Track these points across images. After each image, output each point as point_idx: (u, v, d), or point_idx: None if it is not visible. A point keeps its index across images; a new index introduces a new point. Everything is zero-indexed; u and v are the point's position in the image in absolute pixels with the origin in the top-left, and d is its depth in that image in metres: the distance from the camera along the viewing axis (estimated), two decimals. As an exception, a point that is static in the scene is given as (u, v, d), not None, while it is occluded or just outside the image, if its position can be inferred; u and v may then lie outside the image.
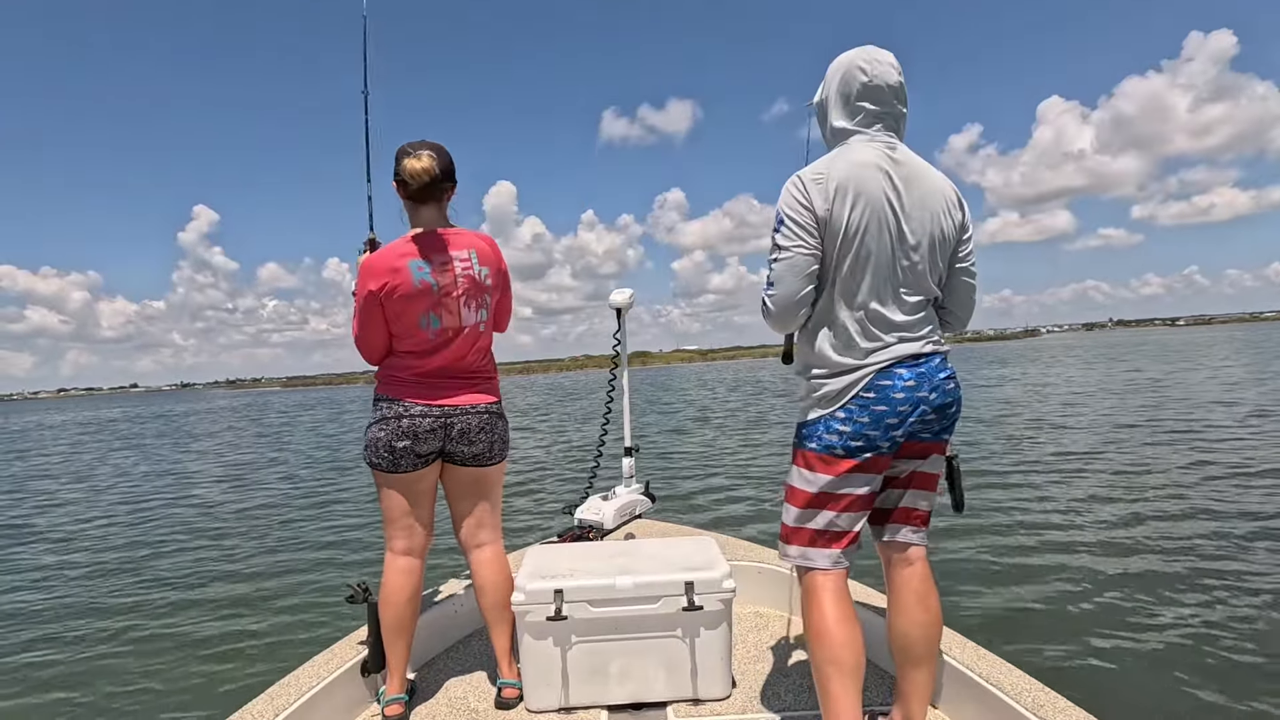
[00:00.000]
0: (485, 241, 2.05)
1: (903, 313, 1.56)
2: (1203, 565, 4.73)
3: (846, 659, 1.54)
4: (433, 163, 1.92)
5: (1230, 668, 3.35)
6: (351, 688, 2.05)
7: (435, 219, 2.00)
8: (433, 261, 1.93)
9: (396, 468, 1.95)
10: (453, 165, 2.00)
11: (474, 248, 2.00)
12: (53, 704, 3.75)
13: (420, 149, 1.94)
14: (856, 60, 1.59)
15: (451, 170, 1.99)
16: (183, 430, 26.87)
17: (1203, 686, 3.20)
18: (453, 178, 2.00)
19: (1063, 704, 1.66)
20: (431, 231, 1.97)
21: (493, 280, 2.04)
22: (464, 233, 2.02)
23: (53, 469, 15.37)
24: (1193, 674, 3.32)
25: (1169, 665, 3.42)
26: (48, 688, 3.95)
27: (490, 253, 2.04)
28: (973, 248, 1.68)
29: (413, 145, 1.96)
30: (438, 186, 1.96)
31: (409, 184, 1.93)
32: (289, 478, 11.70)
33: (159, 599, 5.45)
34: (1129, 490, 7.08)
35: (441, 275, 1.94)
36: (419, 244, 1.94)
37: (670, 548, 2.21)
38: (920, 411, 1.55)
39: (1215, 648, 3.55)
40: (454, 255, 1.96)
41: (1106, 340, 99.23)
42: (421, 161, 1.90)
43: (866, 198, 1.50)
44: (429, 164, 1.91)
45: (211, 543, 7.25)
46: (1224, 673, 3.31)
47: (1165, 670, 3.38)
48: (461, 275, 1.96)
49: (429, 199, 1.98)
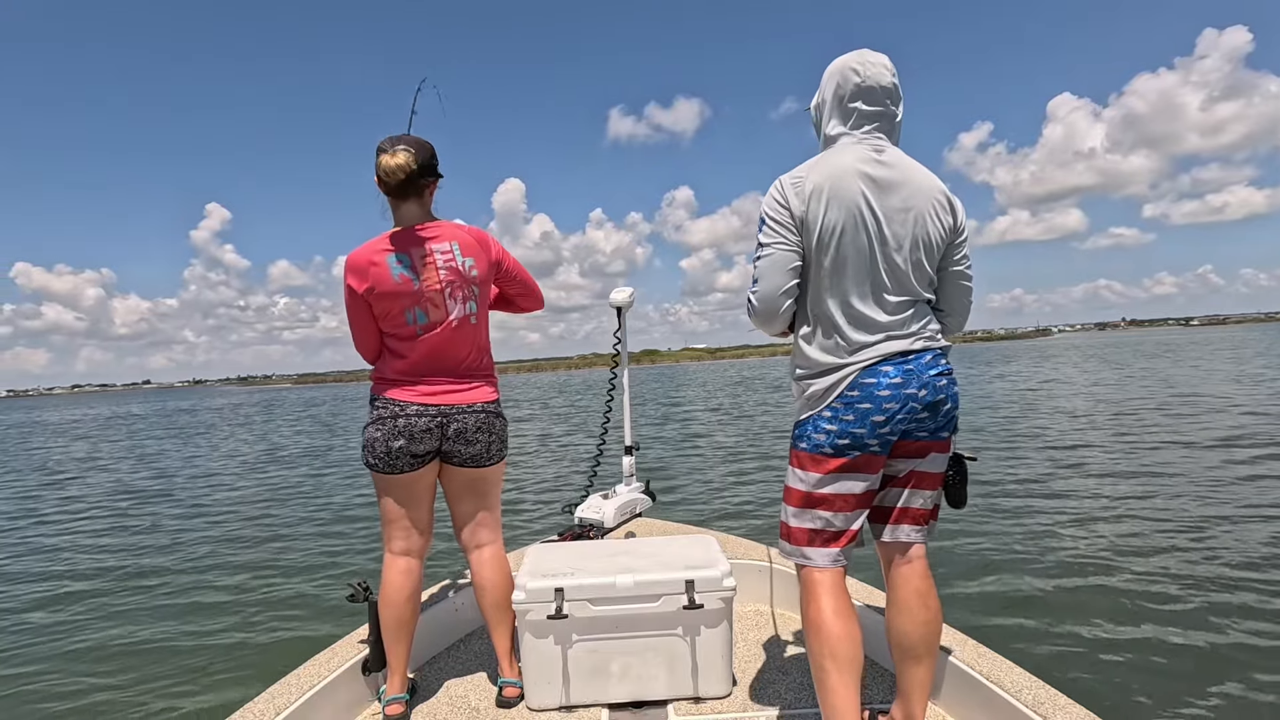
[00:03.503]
0: (469, 233, 2.01)
1: (886, 313, 1.56)
2: (1203, 564, 4.69)
3: (843, 652, 1.54)
4: (408, 158, 1.89)
5: (1230, 666, 3.33)
6: (352, 686, 2.06)
7: (417, 215, 1.98)
8: (411, 256, 1.91)
9: (393, 468, 1.95)
10: (433, 160, 1.97)
11: (455, 239, 1.97)
12: (52, 704, 3.76)
13: (397, 144, 1.91)
14: (850, 63, 1.62)
15: (431, 165, 1.97)
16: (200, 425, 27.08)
17: (1203, 685, 3.17)
18: (434, 172, 1.98)
19: (1063, 701, 1.66)
20: (409, 227, 1.95)
21: (480, 271, 2.00)
22: (445, 225, 1.99)
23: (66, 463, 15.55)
24: (1193, 672, 3.29)
25: (1169, 663, 3.40)
26: (45, 687, 3.96)
27: (475, 244, 2.00)
28: (967, 251, 1.68)
29: (390, 141, 1.93)
30: (415, 182, 1.93)
31: (386, 180, 1.91)
32: (292, 471, 11.78)
33: (158, 598, 5.48)
34: (1130, 489, 7.04)
35: (422, 269, 1.91)
36: (398, 240, 1.93)
37: (670, 546, 2.21)
38: (909, 409, 1.54)
39: (1216, 646, 3.52)
40: (434, 249, 1.94)
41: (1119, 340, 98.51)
42: (396, 158, 1.88)
43: (841, 200, 1.52)
44: (404, 160, 1.88)
45: (211, 542, 7.28)
46: (1224, 671, 3.28)
47: (1165, 668, 3.35)
48: (444, 268, 1.93)
49: (409, 195, 1.95)
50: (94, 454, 18.61)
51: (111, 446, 20.97)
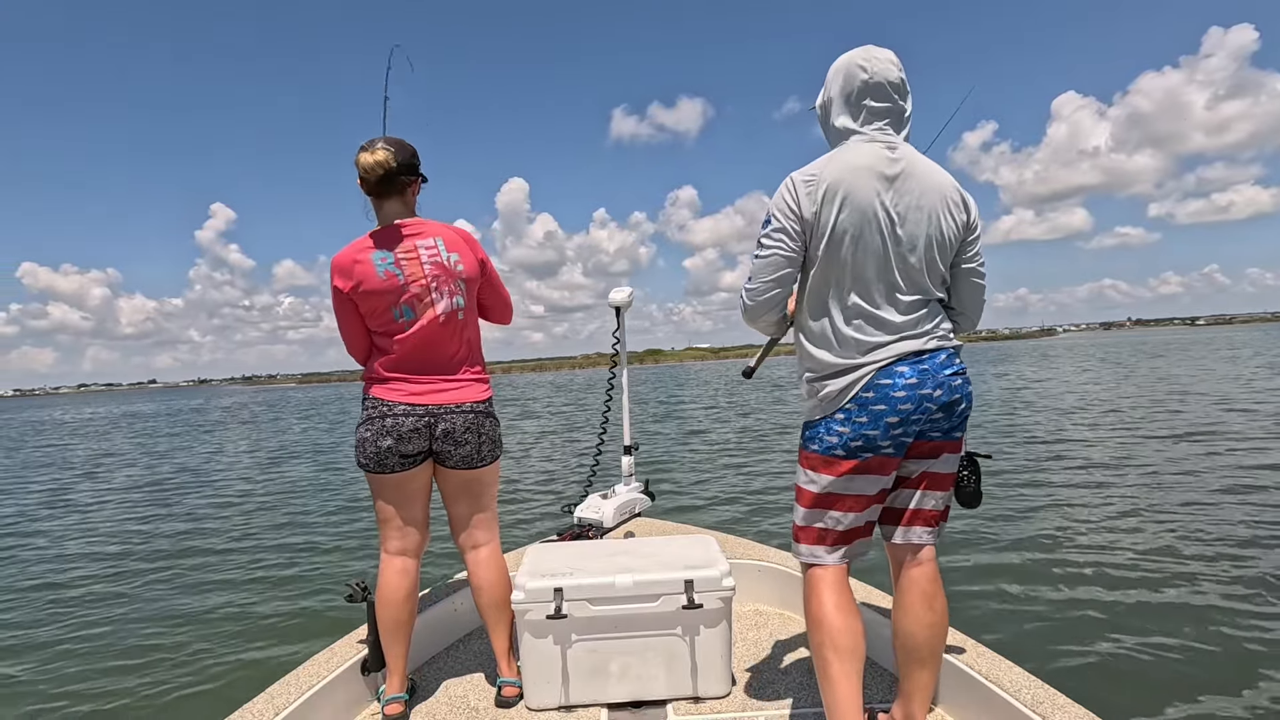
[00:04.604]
0: (453, 230, 2.02)
1: (899, 313, 1.55)
2: (1204, 563, 4.67)
3: (844, 643, 1.54)
4: (387, 155, 1.89)
5: (1230, 666, 3.31)
6: (351, 686, 2.06)
7: (400, 213, 1.98)
8: (395, 252, 1.91)
9: (383, 468, 1.94)
10: (415, 159, 1.98)
11: (440, 235, 1.97)
12: (51, 703, 3.76)
13: (376, 143, 1.92)
14: (856, 59, 1.59)
15: (413, 164, 1.97)
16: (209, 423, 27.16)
17: (1203, 684, 3.16)
18: (415, 171, 1.98)
19: (1062, 701, 1.65)
20: (392, 225, 1.95)
21: (466, 267, 2.00)
22: (428, 223, 1.99)
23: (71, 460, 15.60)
24: (1193, 671, 3.28)
25: (1169, 662, 3.38)
26: (44, 686, 3.96)
27: (459, 240, 2.00)
28: (980, 249, 1.65)
29: (370, 141, 1.93)
30: (396, 180, 1.93)
31: (366, 177, 1.91)
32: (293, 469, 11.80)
33: (158, 597, 5.49)
34: (1128, 489, 7.01)
35: (407, 265, 1.91)
36: (380, 238, 1.93)
37: (670, 546, 2.21)
38: (925, 409, 1.52)
39: (1216, 646, 3.51)
40: (419, 244, 1.94)
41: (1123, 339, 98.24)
42: (375, 154, 1.88)
43: (855, 200, 1.50)
44: (383, 156, 1.88)
45: (212, 540, 7.30)
46: (1224, 670, 3.27)
47: (1165, 667, 3.34)
48: (429, 262, 1.93)
49: (390, 193, 1.95)
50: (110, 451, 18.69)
51: (140, 443, 21.14)
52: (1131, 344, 65.75)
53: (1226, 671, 3.26)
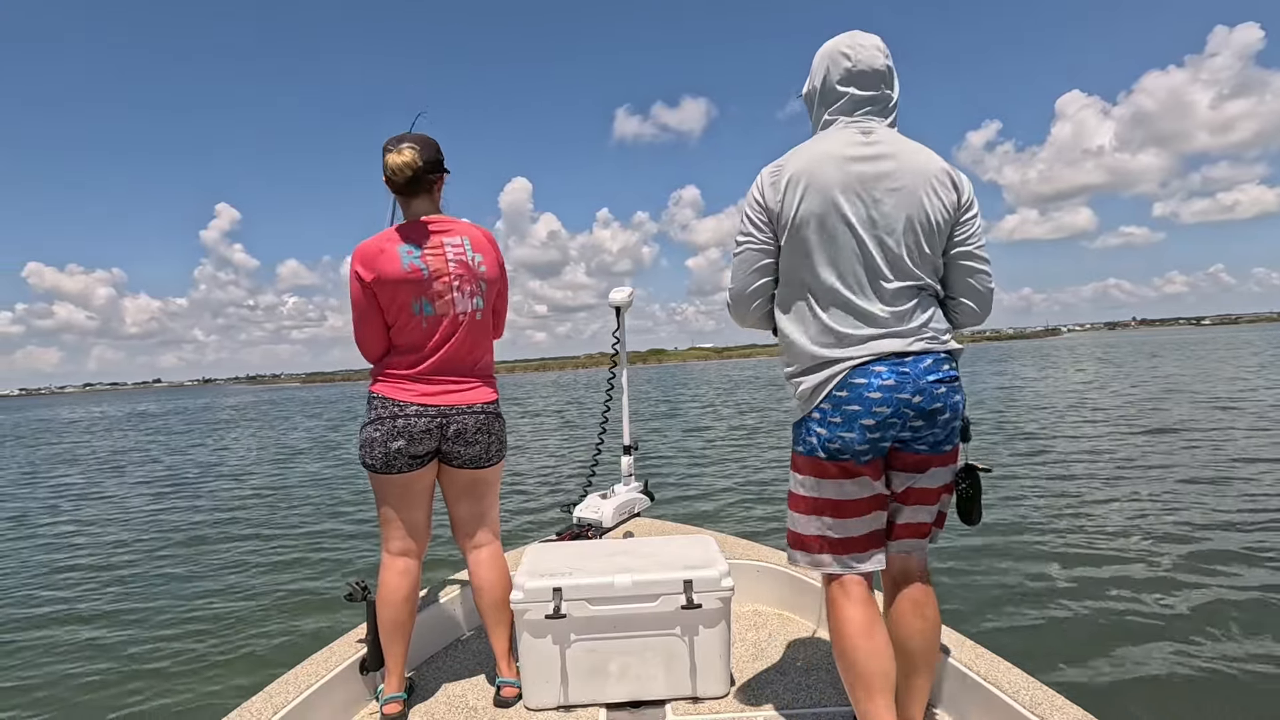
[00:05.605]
0: (480, 231, 2.03)
1: (883, 302, 1.48)
2: (1203, 563, 4.67)
3: (874, 675, 1.48)
4: (414, 154, 1.90)
5: (1229, 666, 3.30)
6: (350, 686, 2.06)
7: (427, 210, 1.99)
8: (421, 246, 1.92)
9: (391, 469, 1.94)
10: (439, 155, 1.98)
11: (467, 235, 1.98)
12: (50, 703, 3.77)
13: (401, 142, 1.92)
14: (840, 46, 1.56)
15: (438, 161, 1.97)
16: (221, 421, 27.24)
17: (1201, 685, 3.16)
18: (440, 168, 1.99)
19: (1060, 702, 1.64)
20: (419, 221, 1.96)
21: (489, 269, 2.01)
22: (457, 221, 2.00)
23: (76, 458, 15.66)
24: (1191, 672, 3.27)
25: (1167, 662, 3.37)
26: (41, 686, 3.97)
27: (485, 242, 2.02)
28: (975, 230, 1.54)
29: (394, 140, 1.94)
30: (423, 178, 1.94)
31: (394, 179, 1.92)
32: (292, 469, 11.82)
33: (158, 594, 5.51)
34: (1127, 489, 6.99)
35: (432, 259, 1.92)
36: (407, 231, 1.94)
37: (669, 546, 2.20)
38: (903, 415, 1.45)
39: (1214, 646, 3.50)
40: (445, 241, 1.94)
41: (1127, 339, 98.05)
42: (403, 155, 1.89)
43: (817, 185, 1.48)
44: (410, 157, 1.89)
45: (212, 538, 7.32)
46: (1223, 671, 3.26)
47: (1163, 669, 3.33)
48: (453, 260, 1.94)
49: (418, 191, 1.96)
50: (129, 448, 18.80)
51: (159, 440, 21.35)
52: (1137, 343, 65.56)
53: (1226, 672, 3.25)
